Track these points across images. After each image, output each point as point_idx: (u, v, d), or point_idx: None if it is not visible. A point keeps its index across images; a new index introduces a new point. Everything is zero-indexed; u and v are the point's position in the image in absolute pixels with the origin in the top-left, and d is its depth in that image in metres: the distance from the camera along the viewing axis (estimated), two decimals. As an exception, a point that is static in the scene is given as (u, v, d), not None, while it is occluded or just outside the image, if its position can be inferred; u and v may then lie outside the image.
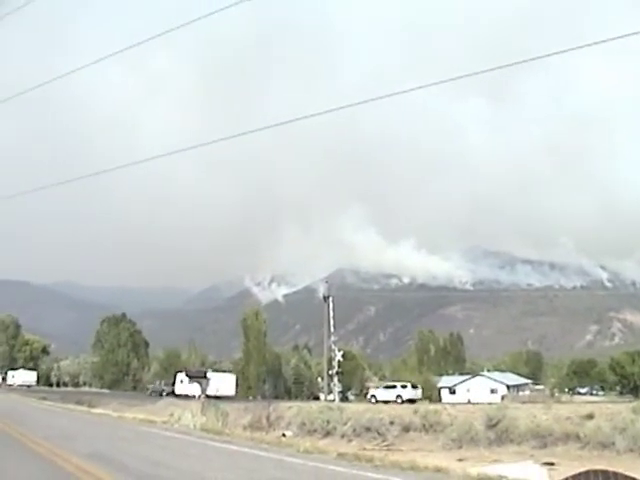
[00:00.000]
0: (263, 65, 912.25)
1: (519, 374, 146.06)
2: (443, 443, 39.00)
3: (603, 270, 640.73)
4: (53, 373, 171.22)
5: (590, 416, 39.40)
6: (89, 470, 18.12)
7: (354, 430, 43.23)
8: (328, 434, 44.15)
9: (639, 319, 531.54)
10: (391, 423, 43.26)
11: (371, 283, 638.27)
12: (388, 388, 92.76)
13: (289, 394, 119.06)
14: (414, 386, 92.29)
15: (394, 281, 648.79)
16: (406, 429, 42.88)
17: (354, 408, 51.01)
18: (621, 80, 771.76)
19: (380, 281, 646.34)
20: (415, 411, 45.04)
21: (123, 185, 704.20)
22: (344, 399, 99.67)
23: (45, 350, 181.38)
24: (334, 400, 77.38)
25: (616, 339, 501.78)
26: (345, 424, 44.21)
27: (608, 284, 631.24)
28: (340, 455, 24.73)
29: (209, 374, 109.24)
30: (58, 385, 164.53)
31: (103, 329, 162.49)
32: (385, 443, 40.63)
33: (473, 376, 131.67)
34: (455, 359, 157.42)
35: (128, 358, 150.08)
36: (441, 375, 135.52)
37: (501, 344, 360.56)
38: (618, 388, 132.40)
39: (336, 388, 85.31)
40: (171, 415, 45.94)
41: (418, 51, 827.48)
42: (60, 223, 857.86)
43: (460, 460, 32.10)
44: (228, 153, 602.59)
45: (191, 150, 33.26)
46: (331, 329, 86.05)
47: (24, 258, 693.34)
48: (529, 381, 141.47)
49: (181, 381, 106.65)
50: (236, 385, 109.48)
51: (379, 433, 42.31)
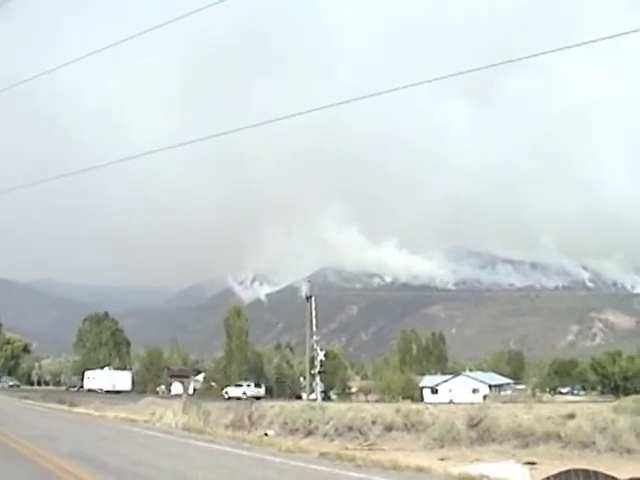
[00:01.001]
0: (250, 63, 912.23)
1: (501, 374, 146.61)
2: (425, 442, 39.08)
3: (585, 270, 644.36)
4: (34, 372, 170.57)
5: (571, 416, 39.60)
6: (70, 470, 18.11)
7: (336, 429, 43.23)
8: (310, 433, 44.14)
9: (620, 319, 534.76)
10: (373, 422, 43.29)
11: (353, 282, 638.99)
12: (237, 386, 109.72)
13: (271, 393, 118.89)
14: (257, 385, 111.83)
15: (376, 280, 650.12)
16: (388, 428, 42.93)
17: (336, 407, 51.02)
18: (607, 81, 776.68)
19: (362, 280, 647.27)
20: (397, 410, 45.10)
21: (106, 183, 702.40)
22: (326, 398, 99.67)
23: (26, 349, 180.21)
24: (316, 399, 77.32)
25: (597, 339, 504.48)
26: (327, 423, 44.20)
27: (590, 284, 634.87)
28: (322, 454, 24.78)
29: (105, 371, 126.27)
30: (39, 384, 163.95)
31: (85, 328, 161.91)
32: (367, 442, 40.67)
33: (455, 376, 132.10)
34: (437, 359, 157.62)
35: (110, 357, 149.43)
36: (423, 374, 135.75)
37: (483, 344, 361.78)
38: (599, 388, 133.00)
39: (318, 387, 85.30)
40: (153, 414, 45.90)
41: (410, 50, 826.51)
42: (41, 220, 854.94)
43: (442, 459, 32.19)
44: (212, 151, 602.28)
45: (175, 147, 33.25)
46: (313, 328, 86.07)
47: (4, 256, 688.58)
48: (511, 381, 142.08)
49: (88, 377, 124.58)
50: (132, 382, 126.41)
51: (361, 432, 42.33)
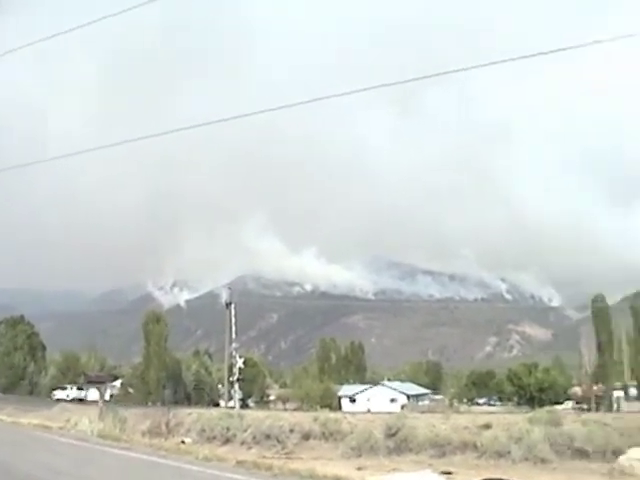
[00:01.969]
0: (176, 65, 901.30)
1: (419, 384, 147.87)
2: (343, 451, 39.20)
3: (503, 282, 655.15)
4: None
5: (487, 426, 40.17)
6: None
7: (254, 437, 43.12)
8: (228, 441, 43.96)
9: (537, 331, 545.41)
10: (291, 431, 43.27)
11: (274, 290, 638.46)
12: (62, 389, 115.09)
13: (189, 400, 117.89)
14: (79, 388, 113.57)
15: (297, 289, 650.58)
16: (306, 437, 42.96)
17: (254, 415, 50.88)
18: (527, 96, 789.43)
19: (283, 288, 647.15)
20: (315, 419, 45.16)
21: (23, 183, 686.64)
22: (244, 406, 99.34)
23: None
24: (234, 407, 77.07)
25: (514, 351, 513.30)
26: (245, 431, 44.07)
27: (507, 296, 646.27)
28: (239, 463, 24.74)
29: None
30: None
31: (0, 331, 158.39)
32: (285, 451, 40.64)
33: (373, 385, 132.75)
34: (356, 368, 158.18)
35: (24, 361, 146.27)
36: (342, 384, 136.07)
37: (402, 354, 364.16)
38: (515, 399, 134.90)
39: (237, 395, 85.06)
40: (67, 421, 45.21)
41: (342, 57, 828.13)
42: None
43: (359, 469, 32.33)
44: (137, 154, 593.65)
45: (97, 150, 32.84)
46: (233, 335, 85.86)
47: None
48: (429, 391, 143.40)
49: None
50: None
51: (279, 441, 42.28)
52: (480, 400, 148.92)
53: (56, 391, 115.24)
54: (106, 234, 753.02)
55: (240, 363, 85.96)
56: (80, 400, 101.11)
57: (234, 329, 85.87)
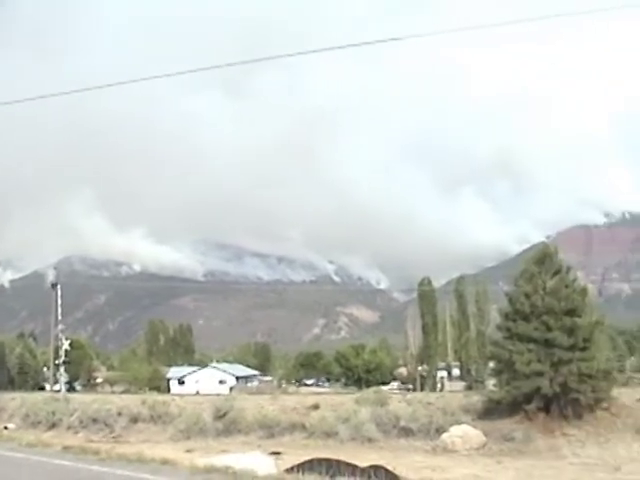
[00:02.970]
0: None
1: (248, 366, 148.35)
2: (171, 434, 39.03)
3: (331, 265, 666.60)
4: None
5: (315, 407, 40.83)
6: None
7: (81, 421, 42.31)
8: (54, 426, 42.95)
9: (364, 313, 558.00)
10: (119, 414, 42.70)
11: (101, 270, 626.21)
12: None
13: (12, 384, 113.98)
14: None
15: (125, 269, 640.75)
16: (134, 420, 42.48)
17: (81, 399, 49.91)
18: (355, 81, 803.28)
19: (111, 269, 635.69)
20: (143, 402, 44.68)
21: None
22: (71, 389, 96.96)
23: None
24: (60, 390, 75.17)
25: (342, 333, 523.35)
26: (71, 415, 43.19)
27: (336, 279, 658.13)
28: (65, 448, 24.22)
29: None
30: None
31: None
32: (112, 435, 40.08)
33: (202, 367, 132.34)
34: (185, 350, 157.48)
35: None
36: (170, 366, 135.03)
37: (231, 336, 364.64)
38: (343, 380, 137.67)
39: (62, 378, 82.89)
40: None
41: (171, 38, 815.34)
42: None
43: (188, 451, 32.27)
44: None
45: None
46: (58, 317, 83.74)
47: None
48: (257, 373, 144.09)
49: None
50: None
51: (106, 424, 41.65)
52: (308, 381, 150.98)
53: None
54: None
55: (66, 345, 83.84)
56: None
57: (60, 310, 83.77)
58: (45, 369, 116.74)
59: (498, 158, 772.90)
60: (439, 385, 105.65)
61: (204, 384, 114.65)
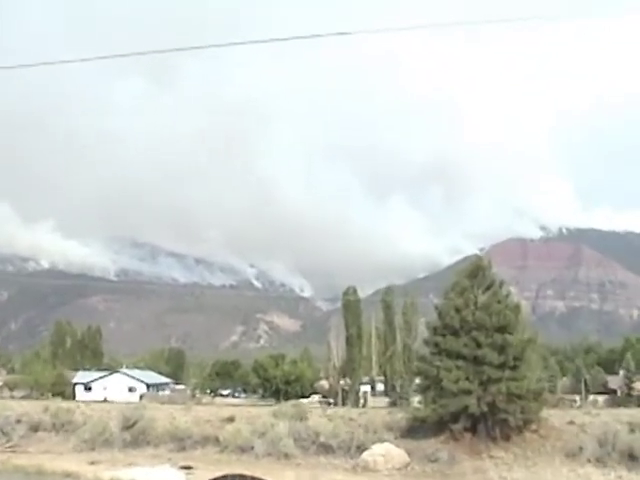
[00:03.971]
0: None
1: (160, 373, 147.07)
2: (75, 444, 38.47)
3: (252, 269, 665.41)
4: None
5: (231, 419, 40.69)
6: None
7: (-25, 429, 41.39)
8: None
9: (286, 322, 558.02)
10: (18, 422, 41.94)
11: (5, 265, 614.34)
12: None
13: None
14: None
15: (32, 265, 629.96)
16: (34, 428, 41.75)
17: (-24, 404, 48.81)
18: (282, 78, 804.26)
19: (15, 264, 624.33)
20: (46, 409, 43.93)
21: None
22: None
23: None
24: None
25: (262, 341, 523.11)
26: (-37, 422, 42.20)
27: (257, 284, 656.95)
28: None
29: None
30: None
31: None
32: (10, 444, 39.33)
33: (111, 373, 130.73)
34: (93, 353, 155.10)
35: None
36: (77, 370, 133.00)
37: (143, 340, 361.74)
38: (261, 391, 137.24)
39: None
40: None
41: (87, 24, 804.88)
42: None
43: (92, 463, 31.86)
44: None
45: None
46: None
47: None
48: (170, 380, 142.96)
49: None
50: None
51: (3, 433, 40.85)
52: (224, 391, 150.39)
53: None
54: None
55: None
56: None
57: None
58: None
59: (431, 164, 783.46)
60: (362, 400, 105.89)
61: (112, 391, 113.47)
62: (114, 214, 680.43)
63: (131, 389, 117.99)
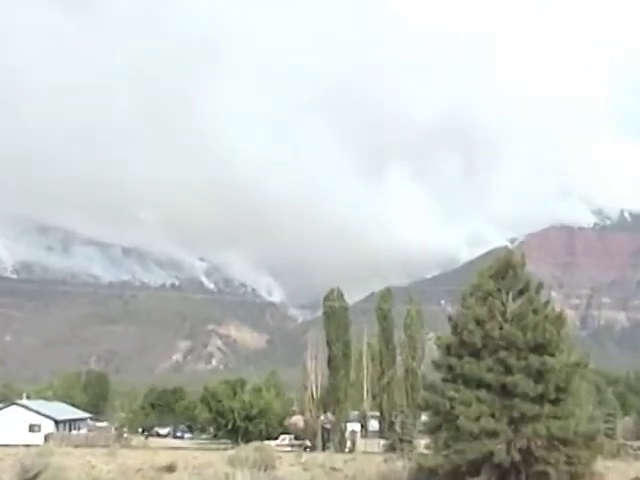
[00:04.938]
0: None
1: (74, 405, 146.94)
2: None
3: (202, 263, 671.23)
4: None
5: (170, 468, 40.61)
6: None
7: None
8: None
9: (247, 335, 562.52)
10: None
11: None
12: None
13: None
14: None
15: None
16: None
17: None
18: (245, 13, 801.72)
19: None
20: None
21: None
22: None
23: None
24: None
25: (214, 361, 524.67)
26: None
27: (208, 284, 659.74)
28: None
29: None
30: None
31: None
32: None
33: (6, 405, 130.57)
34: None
35: None
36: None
37: (51, 360, 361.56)
38: (212, 430, 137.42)
39: None
40: None
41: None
42: None
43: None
44: None
45: None
46: None
47: None
48: (88, 415, 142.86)
49: None
50: None
51: None
52: (162, 430, 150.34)
53: None
54: None
55: None
56: None
57: None
58: None
59: (444, 123, 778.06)
60: (349, 443, 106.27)
61: (8, 429, 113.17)
62: (9, 187, 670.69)
63: (33, 427, 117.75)
